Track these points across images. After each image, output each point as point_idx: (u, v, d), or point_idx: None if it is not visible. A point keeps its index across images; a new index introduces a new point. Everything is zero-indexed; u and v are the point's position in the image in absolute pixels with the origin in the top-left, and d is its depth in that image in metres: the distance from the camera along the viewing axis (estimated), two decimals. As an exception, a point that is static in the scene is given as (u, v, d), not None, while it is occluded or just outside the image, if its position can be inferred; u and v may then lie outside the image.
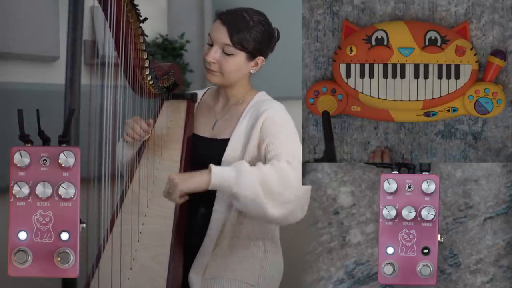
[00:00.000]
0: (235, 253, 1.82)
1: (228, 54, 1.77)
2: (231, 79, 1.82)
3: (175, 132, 1.90)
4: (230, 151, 1.79)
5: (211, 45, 1.80)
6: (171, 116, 1.95)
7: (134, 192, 1.82)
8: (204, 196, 1.71)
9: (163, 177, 1.75)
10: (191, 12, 3.77)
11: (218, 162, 1.76)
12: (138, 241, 1.76)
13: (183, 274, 1.79)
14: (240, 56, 1.78)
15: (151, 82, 1.81)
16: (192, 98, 1.98)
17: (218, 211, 1.77)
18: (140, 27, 1.70)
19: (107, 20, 1.60)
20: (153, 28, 3.54)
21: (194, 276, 1.79)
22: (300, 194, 1.70)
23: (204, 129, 1.90)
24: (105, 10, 1.58)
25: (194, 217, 1.80)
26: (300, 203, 1.72)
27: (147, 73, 1.77)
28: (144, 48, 1.74)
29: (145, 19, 1.70)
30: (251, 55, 1.80)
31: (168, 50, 3.56)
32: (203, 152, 1.85)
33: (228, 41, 1.76)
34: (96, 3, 1.59)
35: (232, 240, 1.82)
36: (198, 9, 3.81)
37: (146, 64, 1.75)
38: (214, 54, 1.78)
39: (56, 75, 2.78)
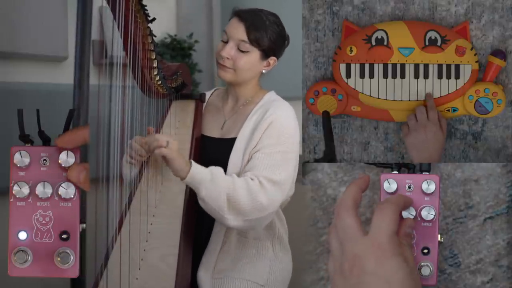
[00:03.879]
0: (244, 253, 1.82)
1: (243, 51, 1.79)
2: (243, 77, 1.83)
3: (183, 132, 1.91)
4: (236, 150, 1.80)
5: (226, 42, 1.81)
6: (179, 116, 1.96)
7: (142, 192, 1.83)
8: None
9: (171, 177, 1.76)
10: (200, 12, 3.78)
11: (226, 161, 1.77)
12: (147, 241, 1.77)
13: (192, 273, 1.80)
14: (255, 54, 1.80)
15: (159, 82, 1.81)
16: (201, 99, 1.98)
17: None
18: (149, 27, 1.71)
19: (115, 20, 1.61)
20: (162, 28, 3.55)
21: (203, 275, 1.80)
22: (264, 216, 1.72)
23: (213, 130, 1.91)
24: (113, 10, 1.59)
25: (202, 217, 1.81)
26: (261, 222, 1.74)
27: (155, 73, 1.78)
28: (152, 48, 1.75)
29: (154, 19, 1.71)
30: (265, 54, 1.81)
31: (177, 50, 3.56)
32: (212, 152, 1.86)
33: (245, 37, 1.78)
34: (105, 3, 1.60)
35: (240, 240, 1.82)
36: (207, 9, 3.81)
37: (155, 64, 1.76)
38: (230, 50, 1.80)
39: (64, 75, 2.80)
